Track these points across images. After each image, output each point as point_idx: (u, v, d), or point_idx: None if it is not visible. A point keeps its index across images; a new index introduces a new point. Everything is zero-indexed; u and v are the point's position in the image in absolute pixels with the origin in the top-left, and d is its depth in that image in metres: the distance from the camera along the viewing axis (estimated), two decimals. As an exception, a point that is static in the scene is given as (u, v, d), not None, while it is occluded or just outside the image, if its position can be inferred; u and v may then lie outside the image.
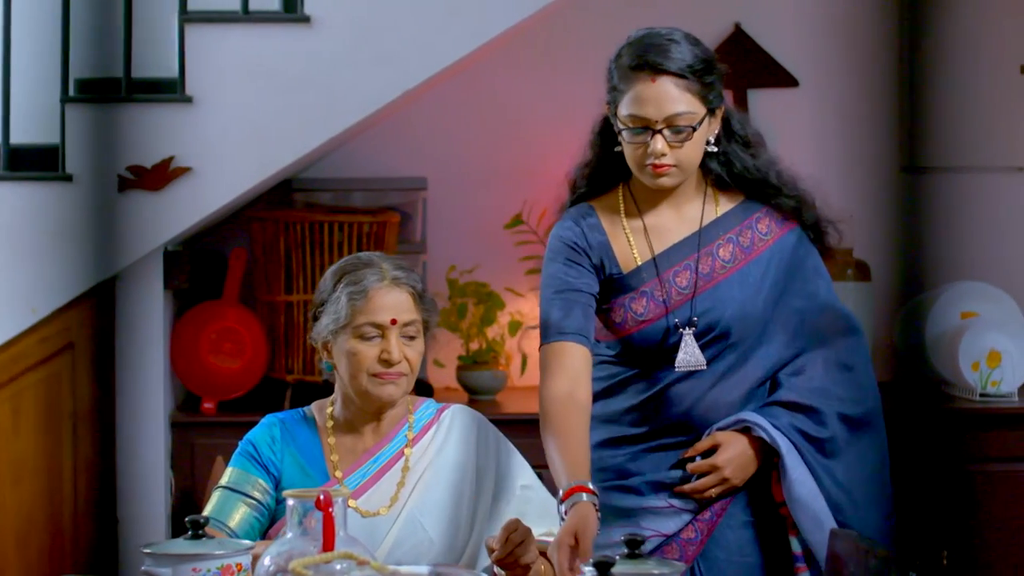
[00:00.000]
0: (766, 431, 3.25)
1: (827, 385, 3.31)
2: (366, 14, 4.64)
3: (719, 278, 3.30)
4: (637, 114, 3.21)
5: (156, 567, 2.75)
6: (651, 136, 3.21)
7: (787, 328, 3.33)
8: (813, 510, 3.24)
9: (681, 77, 3.20)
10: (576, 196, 3.40)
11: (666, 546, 3.29)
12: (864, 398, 3.35)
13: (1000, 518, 5.00)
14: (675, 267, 3.31)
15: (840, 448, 3.30)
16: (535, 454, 3.45)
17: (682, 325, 3.28)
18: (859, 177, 5.59)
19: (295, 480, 3.18)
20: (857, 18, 5.60)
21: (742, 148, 3.35)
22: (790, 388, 3.30)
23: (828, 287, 3.40)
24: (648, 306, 3.30)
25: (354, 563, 2.65)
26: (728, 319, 3.27)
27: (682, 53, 3.22)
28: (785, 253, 3.35)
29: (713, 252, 3.31)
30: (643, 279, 3.31)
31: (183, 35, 4.66)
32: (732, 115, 3.35)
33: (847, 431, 3.31)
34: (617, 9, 5.36)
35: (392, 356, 3.14)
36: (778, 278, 3.33)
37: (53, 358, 4.71)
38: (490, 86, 5.51)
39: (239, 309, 5.07)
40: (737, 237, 3.33)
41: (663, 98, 3.19)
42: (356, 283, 3.16)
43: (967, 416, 5.08)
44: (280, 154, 4.67)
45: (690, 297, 3.29)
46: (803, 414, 3.27)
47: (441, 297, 5.41)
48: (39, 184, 4.65)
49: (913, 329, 5.41)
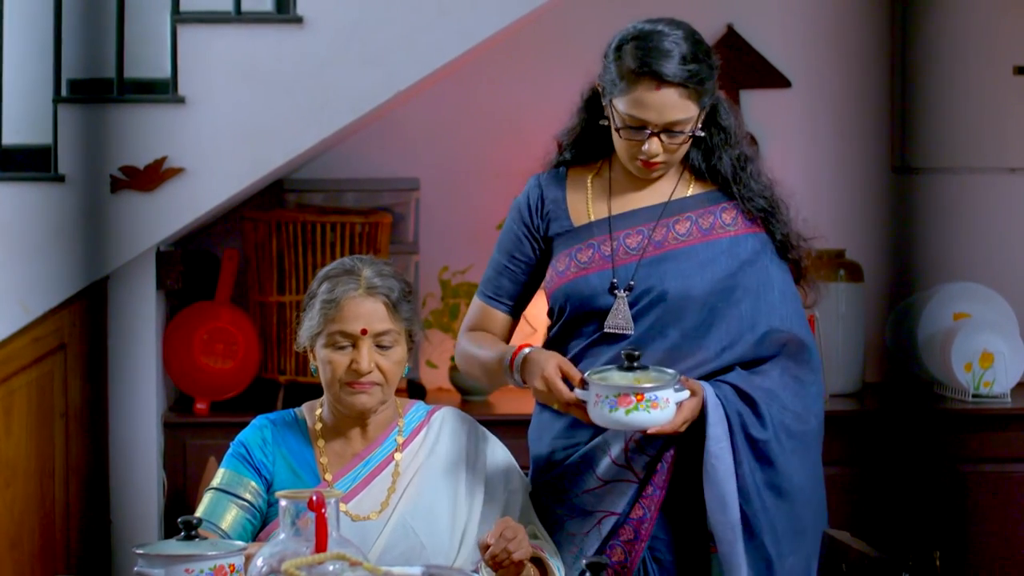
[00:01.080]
0: (708, 399, 3.22)
1: (777, 389, 3.29)
2: (358, 15, 4.64)
3: (668, 247, 3.31)
4: (637, 116, 3.23)
5: (149, 568, 2.75)
6: (647, 136, 3.23)
7: (738, 341, 3.30)
8: (722, 490, 3.22)
9: (686, 87, 3.22)
10: (561, 159, 3.46)
11: (620, 527, 3.30)
12: (807, 417, 3.32)
13: (992, 519, 5.01)
14: (627, 229, 3.33)
15: (773, 457, 3.27)
16: (526, 455, 3.46)
17: (619, 287, 3.29)
18: (851, 178, 5.59)
19: (286, 482, 3.18)
20: (849, 19, 5.60)
21: (722, 140, 3.36)
22: (740, 376, 3.28)
23: (789, 304, 3.35)
24: (593, 257, 3.32)
25: (347, 564, 2.65)
26: (665, 289, 3.27)
27: (685, 59, 3.22)
28: (745, 253, 3.33)
29: (669, 224, 3.33)
30: (593, 233, 3.34)
31: (175, 35, 4.65)
32: (720, 105, 3.36)
33: (786, 441, 3.28)
34: (609, 9, 5.36)
35: (361, 366, 3.14)
36: (731, 272, 3.30)
37: (45, 358, 4.70)
38: (482, 87, 5.51)
39: (231, 309, 5.07)
40: (698, 218, 3.34)
41: (666, 106, 3.22)
42: (330, 291, 3.16)
43: (959, 417, 5.08)
44: (272, 154, 4.67)
45: (636, 258, 3.30)
46: (747, 406, 3.25)
47: (434, 297, 5.42)
48: (31, 184, 4.65)
49: (905, 330, 5.42)
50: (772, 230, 3.36)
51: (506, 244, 3.44)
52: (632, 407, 3.08)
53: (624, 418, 3.09)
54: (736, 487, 3.23)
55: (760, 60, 5.55)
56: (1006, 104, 5.62)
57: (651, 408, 3.09)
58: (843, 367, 5.25)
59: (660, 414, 3.10)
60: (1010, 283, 5.55)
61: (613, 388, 3.09)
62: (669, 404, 3.11)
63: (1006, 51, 5.61)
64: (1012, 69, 5.61)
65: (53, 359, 4.71)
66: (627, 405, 3.08)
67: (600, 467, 3.30)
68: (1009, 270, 5.62)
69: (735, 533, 3.23)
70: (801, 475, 3.30)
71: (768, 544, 3.24)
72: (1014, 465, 5.04)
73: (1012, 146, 5.64)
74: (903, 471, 4.85)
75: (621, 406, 3.08)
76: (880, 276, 5.47)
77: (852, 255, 5.36)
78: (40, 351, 4.69)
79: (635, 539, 3.29)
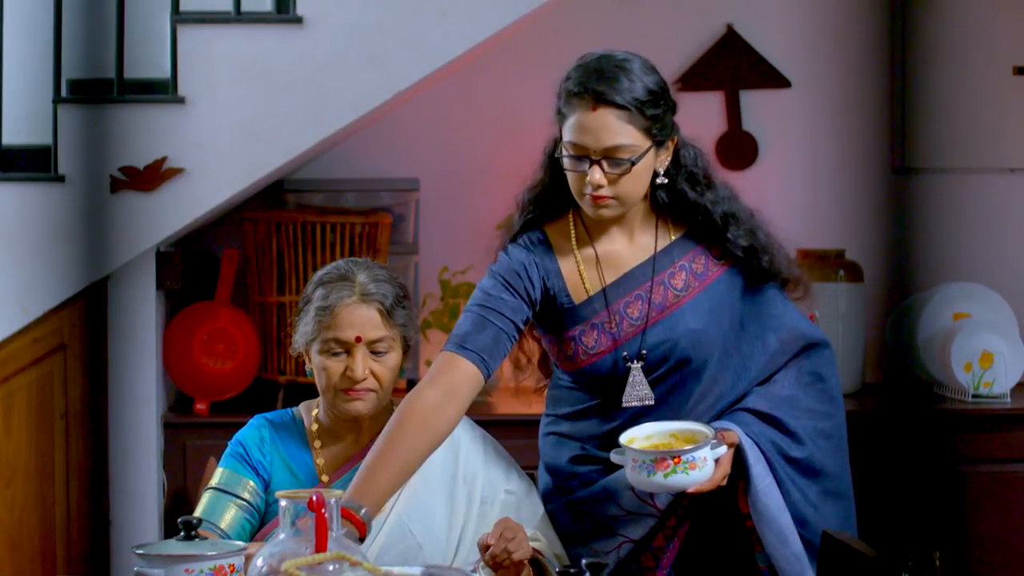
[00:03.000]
0: (744, 443, 3.17)
1: (797, 394, 3.26)
2: (358, 15, 4.64)
3: (672, 308, 3.22)
4: (576, 142, 3.13)
5: (148, 568, 2.75)
6: (589, 166, 3.12)
7: (750, 363, 3.26)
8: (778, 524, 3.18)
9: (623, 109, 3.10)
10: (526, 220, 3.30)
11: (641, 555, 3.28)
12: (835, 411, 3.31)
13: (992, 519, 5.01)
14: (626, 297, 3.23)
15: (819, 466, 3.25)
16: (527, 455, 3.46)
17: (631, 358, 3.21)
18: (851, 178, 5.60)
19: (283, 482, 3.19)
20: (849, 19, 5.60)
21: (689, 184, 3.24)
22: (758, 395, 3.24)
23: (791, 310, 3.32)
24: (599, 339, 3.23)
25: (347, 564, 2.65)
26: (682, 350, 3.20)
27: (630, 83, 3.11)
28: (741, 280, 3.28)
29: (665, 281, 3.23)
30: (594, 310, 3.23)
31: (175, 36, 4.65)
32: (685, 148, 3.26)
33: (824, 445, 3.27)
34: (609, 10, 5.36)
35: (356, 374, 3.14)
36: (734, 305, 3.25)
37: (45, 359, 4.70)
38: (482, 87, 5.51)
39: (231, 310, 5.06)
40: (690, 264, 3.25)
41: (602, 129, 3.10)
42: (325, 298, 3.15)
43: (959, 417, 5.08)
44: (272, 155, 4.67)
45: (641, 329, 3.22)
46: (776, 429, 3.21)
47: (434, 298, 5.42)
48: (31, 185, 4.64)
49: (905, 330, 5.42)
50: (755, 265, 3.27)
51: (495, 301, 3.20)
52: (670, 471, 3.04)
53: (664, 481, 3.05)
54: (790, 519, 3.19)
55: (760, 60, 5.55)
56: (1006, 104, 5.62)
57: (689, 470, 3.05)
58: (843, 367, 5.22)
59: (699, 474, 3.06)
60: (1010, 283, 5.55)
61: (650, 454, 3.05)
62: (707, 463, 3.07)
63: (1006, 51, 5.61)
64: (1012, 69, 5.61)
65: (53, 360, 4.71)
66: (665, 469, 3.04)
67: (623, 498, 3.26)
68: (1009, 270, 5.62)
69: (801, 563, 3.20)
70: (844, 468, 3.30)
71: None
72: (1014, 465, 5.04)
73: (1012, 146, 5.65)
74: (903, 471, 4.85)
75: (659, 470, 3.04)
76: (880, 276, 5.47)
77: (852, 255, 5.36)
78: (40, 352, 4.69)
79: (655, 567, 3.27)
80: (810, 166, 5.60)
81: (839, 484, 3.28)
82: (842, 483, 3.29)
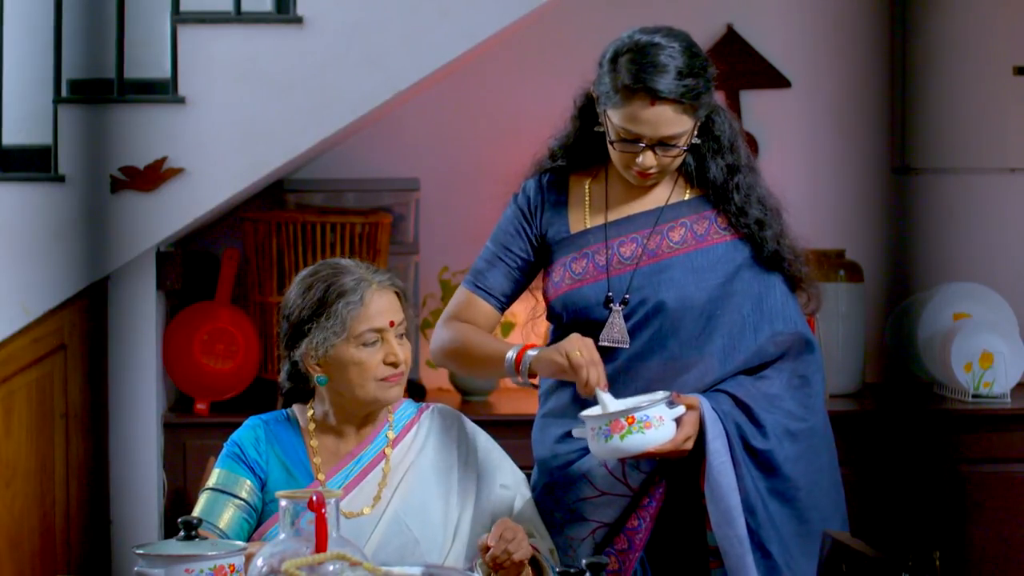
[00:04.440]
0: (706, 413, 3.19)
1: (782, 393, 3.26)
2: (358, 15, 4.64)
3: (663, 256, 3.28)
4: (632, 130, 3.21)
5: (149, 568, 2.75)
6: (642, 148, 3.21)
7: (740, 345, 3.26)
8: (727, 504, 3.19)
9: (680, 104, 3.19)
10: (556, 165, 3.42)
11: (615, 537, 3.29)
12: (810, 417, 3.29)
13: (992, 519, 5.01)
14: (622, 237, 3.30)
15: (777, 465, 3.24)
16: (526, 455, 3.46)
17: (615, 299, 3.26)
18: (851, 178, 5.60)
19: (280, 481, 3.19)
20: (849, 19, 5.60)
21: (713, 148, 3.32)
22: (740, 383, 3.25)
23: (791, 306, 3.33)
24: (587, 267, 3.30)
25: (347, 564, 2.65)
26: (661, 299, 3.24)
27: (681, 74, 3.18)
28: (743, 256, 3.30)
29: (664, 232, 3.29)
30: (588, 241, 3.31)
31: (175, 36, 4.65)
32: (717, 114, 3.32)
33: (790, 447, 3.25)
34: (610, 10, 5.36)
35: (398, 357, 3.15)
36: (729, 277, 3.28)
37: (45, 359, 4.70)
38: (482, 87, 5.51)
39: (231, 310, 5.07)
40: (693, 224, 3.30)
41: (660, 121, 3.19)
42: (348, 293, 3.14)
43: (959, 417, 5.08)
44: (272, 155, 4.67)
45: (631, 268, 3.27)
46: (746, 416, 3.22)
47: (434, 298, 5.41)
48: (31, 185, 4.65)
49: (905, 330, 5.42)
50: (762, 242, 3.31)
51: (502, 238, 3.42)
52: (626, 431, 3.05)
53: (621, 444, 3.05)
54: (740, 500, 3.20)
55: (760, 60, 5.55)
56: (1006, 104, 5.62)
57: (644, 428, 3.05)
58: (843, 367, 5.25)
59: (657, 433, 3.07)
60: (1010, 283, 5.55)
61: (604, 417, 3.05)
62: (664, 422, 3.08)
63: (1006, 51, 5.61)
64: (1012, 69, 5.61)
65: (53, 359, 4.71)
66: (620, 431, 3.05)
67: (596, 478, 3.28)
68: (1009, 270, 5.62)
69: (743, 546, 3.20)
70: (807, 478, 3.27)
71: (776, 554, 3.22)
72: (1014, 465, 5.04)
73: (1012, 146, 5.65)
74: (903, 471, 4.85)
75: (615, 432, 3.04)
76: (880, 276, 5.47)
77: (852, 255, 5.36)
78: (40, 352, 4.69)
79: (629, 548, 3.28)
80: (810, 166, 5.60)
81: (789, 488, 3.25)
82: (795, 488, 3.26)
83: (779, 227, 3.34)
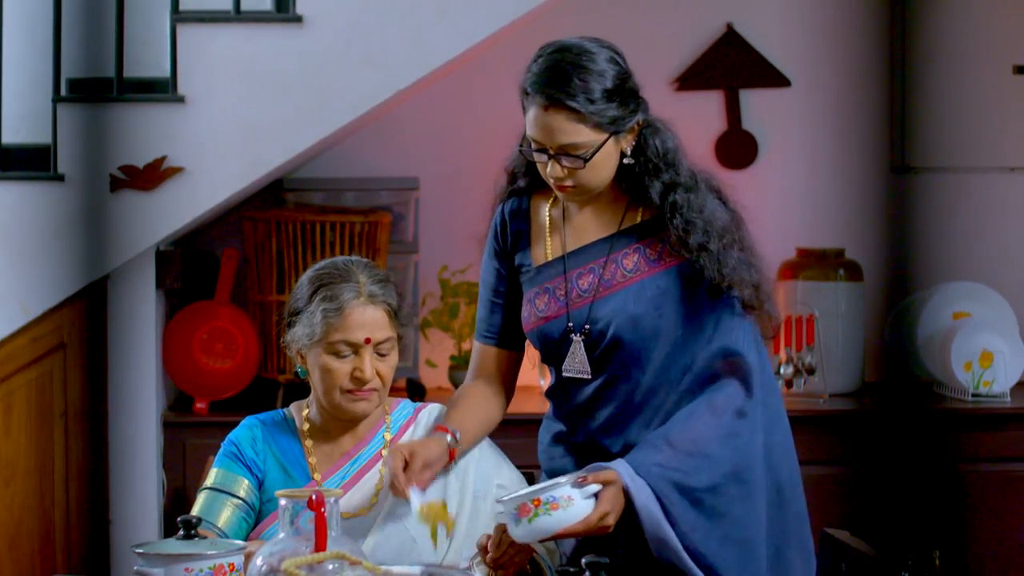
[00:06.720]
0: (628, 482, 3.04)
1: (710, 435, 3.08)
2: (358, 14, 4.64)
3: (617, 287, 3.18)
4: (533, 137, 3.15)
5: (148, 567, 2.75)
6: (548, 159, 3.13)
7: (692, 355, 3.15)
8: (678, 556, 3.05)
9: (574, 111, 3.08)
10: (514, 188, 3.37)
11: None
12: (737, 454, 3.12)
13: (992, 519, 5.01)
14: (580, 268, 3.22)
15: (720, 510, 3.10)
16: (526, 455, 3.46)
17: (575, 330, 3.20)
18: (850, 177, 5.60)
19: (277, 480, 3.19)
20: (849, 18, 5.60)
21: (650, 167, 3.17)
22: (672, 427, 3.11)
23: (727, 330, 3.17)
24: (549, 303, 3.23)
25: (346, 563, 2.65)
26: (617, 329, 3.15)
27: (583, 84, 3.08)
28: (698, 276, 3.16)
29: (619, 260, 3.20)
30: (550, 275, 3.25)
31: (175, 35, 4.66)
32: (649, 129, 3.19)
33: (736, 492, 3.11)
34: (609, 10, 5.36)
35: (365, 375, 3.13)
36: (685, 301, 3.16)
37: (45, 358, 4.70)
38: (482, 86, 5.50)
39: (231, 309, 5.07)
40: (646, 248, 3.19)
41: (554, 129, 3.10)
42: (332, 299, 3.14)
43: (959, 416, 5.08)
44: (272, 154, 4.67)
45: (589, 301, 3.19)
46: (680, 461, 3.07)
47: (433, 297, 5.42)
48: (31, 184, 4.65)
49: (905, 329, 5.42)
50: (702, 271, 3.15)
51: (487, 280, 3.37)
52: (533, 514, 2.96)
53: (531, 527, 2.95)
54: (687, 555, 3.07)
55: (760, 59, 5.55)
56: (1006, 104, 5.62)
57: (552, 510, 2.95)
58: (843, 367, 5.26)
59: (565, 514, 2.96)
60: (1010, 283, 5.56)
61: (512, 501, 2.98)
62: (574, 502, 2.96)
63: (1006, 51, 5.62)
64: (1012, 69, 5.61)
65: (53, 359, 4.71)
66: (527, 514, 2.96)
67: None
68: (1009, 270, 5.62)
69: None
70: (750, 516, 3.13)
71: None
72: (1014, 465, 5.04)
73: (1012, 146, 5.65)
74: (902, 470, 4.85)
75: (523, 516, 2.96)
76: (880, 276, 5.47)
77: (852, 255, 5.36)
78: (40, 351, 4.69)
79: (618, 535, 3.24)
80: (810, 165, 5.60)
81: (740, 531, 3.11)
82: (744, 530, 3.12)
83: (726, 251, 3.15)
